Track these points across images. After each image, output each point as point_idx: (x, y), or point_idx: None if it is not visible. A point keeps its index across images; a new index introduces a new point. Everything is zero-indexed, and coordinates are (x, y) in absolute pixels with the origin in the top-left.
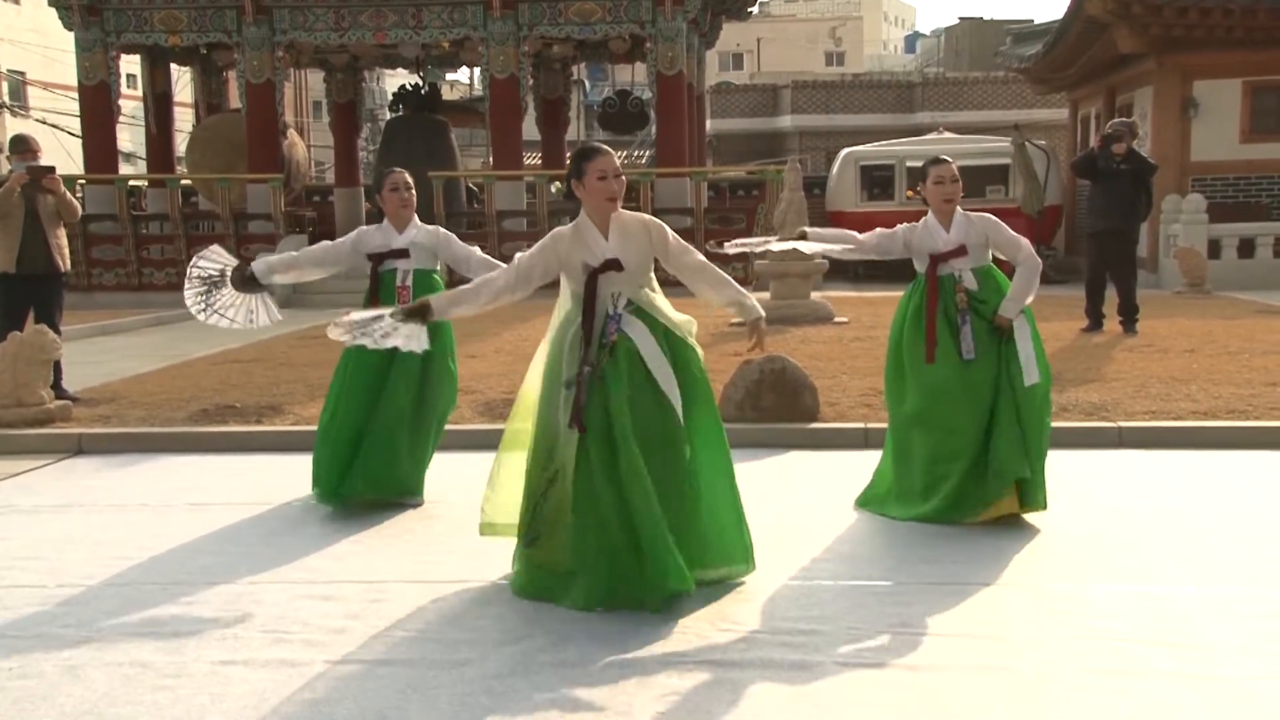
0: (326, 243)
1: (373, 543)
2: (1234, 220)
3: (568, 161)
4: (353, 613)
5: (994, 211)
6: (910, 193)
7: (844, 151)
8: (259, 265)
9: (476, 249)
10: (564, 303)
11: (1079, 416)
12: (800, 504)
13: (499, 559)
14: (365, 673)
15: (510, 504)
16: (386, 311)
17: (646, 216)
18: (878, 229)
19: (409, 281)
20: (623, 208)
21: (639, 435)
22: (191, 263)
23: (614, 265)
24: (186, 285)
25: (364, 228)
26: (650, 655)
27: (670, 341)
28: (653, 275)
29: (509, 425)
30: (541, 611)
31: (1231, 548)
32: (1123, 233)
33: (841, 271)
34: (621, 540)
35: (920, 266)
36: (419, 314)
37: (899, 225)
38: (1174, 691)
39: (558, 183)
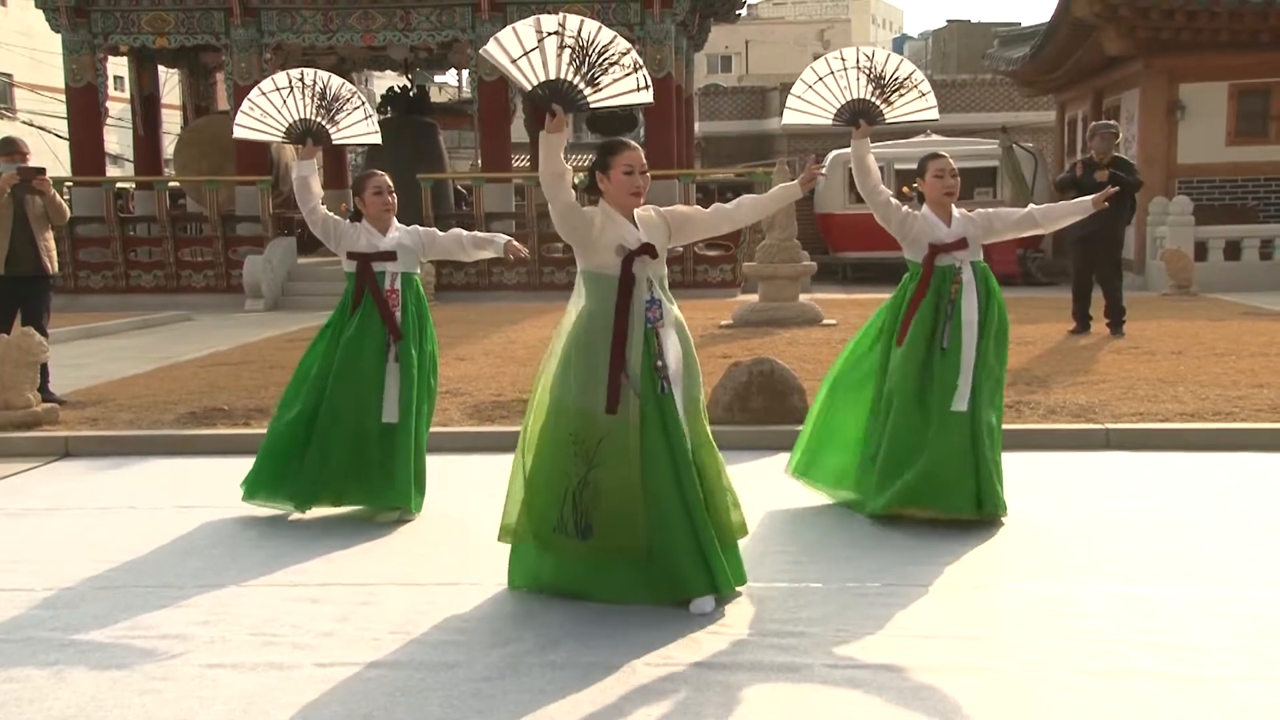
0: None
1: (361, 545)
2: (1220, 223)
3: (591, 157)
4: (341, 615)
5: None
6: (906, 189)
7: (832, 154)
8: (304, 168)
9: (460, 229)
10: (587, 296)
11: (1067, 418)
12: (789, 506)
13: (488, 561)
14: (354, 675)
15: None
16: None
17: (654, 206)
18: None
19: (397, 284)
20: None
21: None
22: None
23: (649, 251)
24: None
25: (343, 222)
26: (639, 657)
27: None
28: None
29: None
30: (531, 614)
31: (1218, 549)
32: (1107, 237)
33: (829, 274)
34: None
35: (916, 255)
36: (549, 106)
37: (903, 206)
38: (1161, 692)
39: (581, 173)
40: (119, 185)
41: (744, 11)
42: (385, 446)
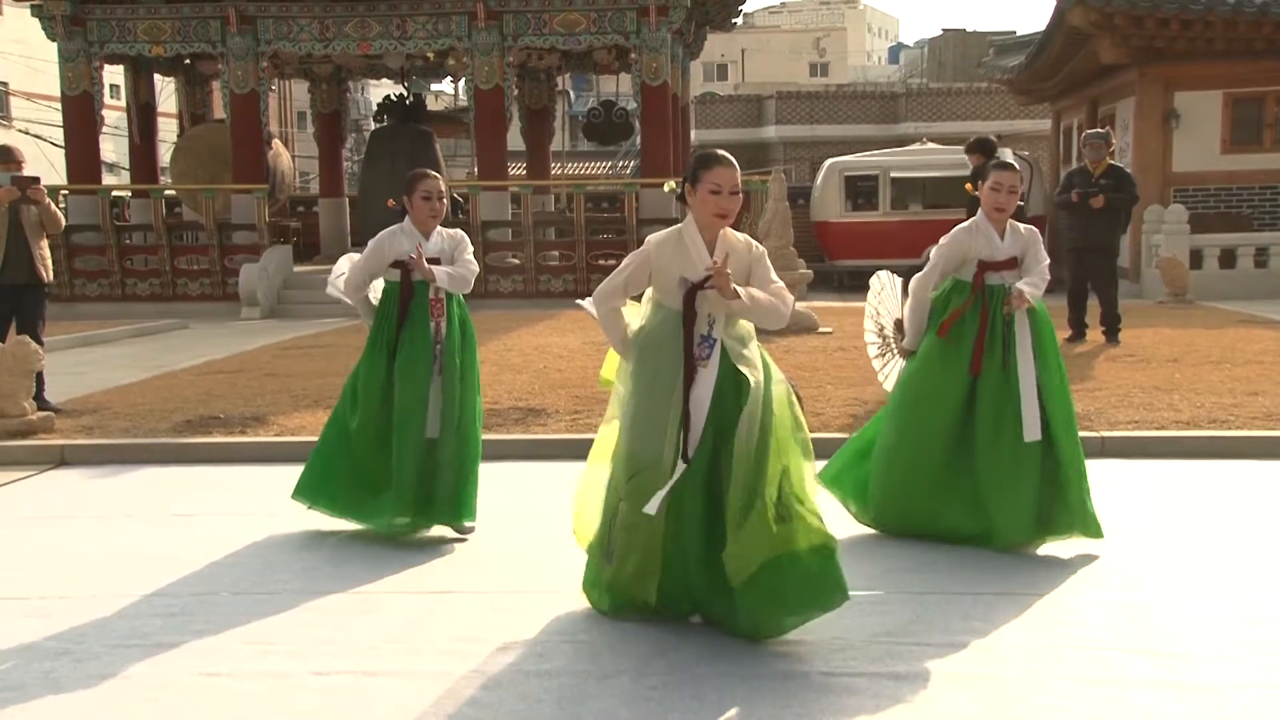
0: (355, 261)
1: (359, 553)
2: (1215, 230)
3: (682, 173)
4: (338, 624)
5: None
6: (969, 187)
7: (828, 162)
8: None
9: (474, 262)
10: (647, 313)
11: None
12: None
13: (486, 569)
14: (351, 684)
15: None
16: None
17: (750, 239)
18: (932, 251)
19: (442, 294)
20: (602, 217)
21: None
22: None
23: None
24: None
25: (383, 235)
26: (635, 665)
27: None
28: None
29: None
30: (527, 622)
31: (1213, 556)
32: (1104, 248)
33: (826, 281)
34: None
35: (965, 275)
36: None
37: (954, 234)
38: (1156, 699)
39: (671, 182)
40: (115, 193)
41: (740, 20)
42: (433, 462)
